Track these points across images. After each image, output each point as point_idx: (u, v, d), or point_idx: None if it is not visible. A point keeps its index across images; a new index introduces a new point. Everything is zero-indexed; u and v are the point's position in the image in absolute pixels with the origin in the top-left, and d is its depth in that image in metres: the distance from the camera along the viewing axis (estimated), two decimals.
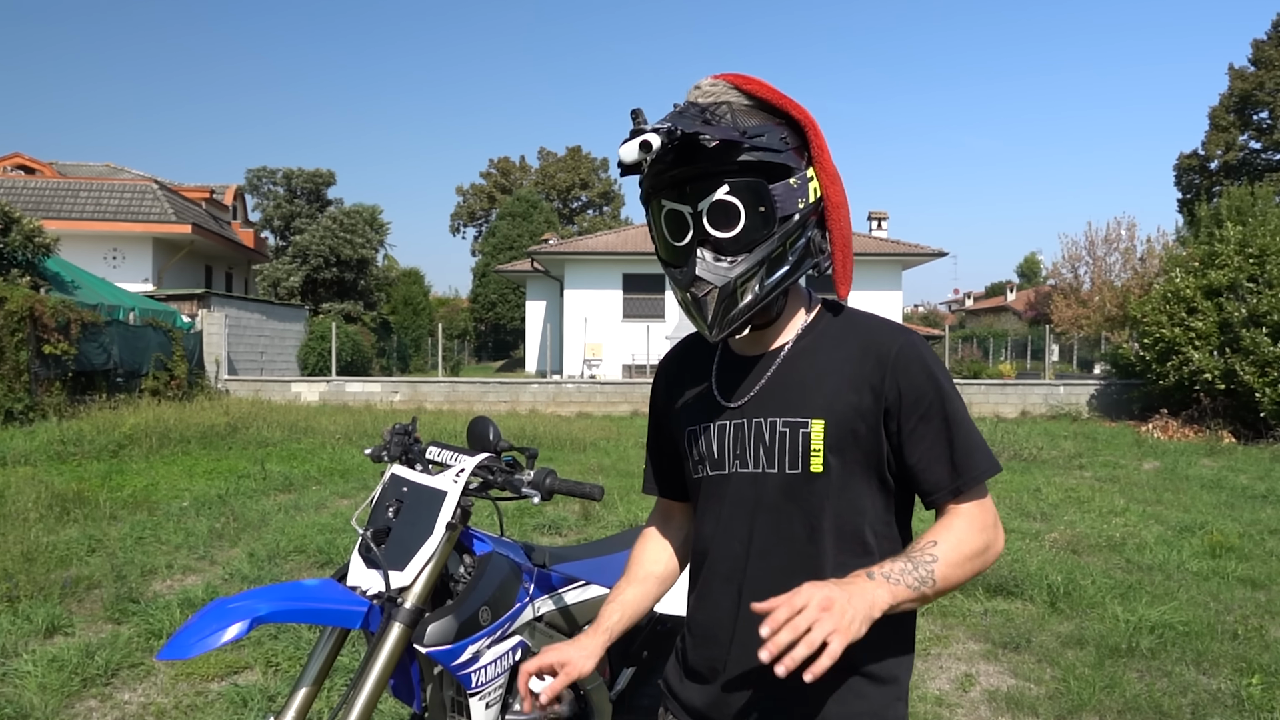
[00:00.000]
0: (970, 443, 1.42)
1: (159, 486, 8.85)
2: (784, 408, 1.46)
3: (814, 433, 1.43)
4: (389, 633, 1.95)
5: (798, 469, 1.44)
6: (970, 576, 1.39)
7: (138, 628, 4.59)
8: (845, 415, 1.43)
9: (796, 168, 1.40)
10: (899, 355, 1.43)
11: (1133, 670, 4.26)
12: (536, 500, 2.01)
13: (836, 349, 1.48)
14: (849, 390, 1.43)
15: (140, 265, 25.80)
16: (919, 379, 1.42)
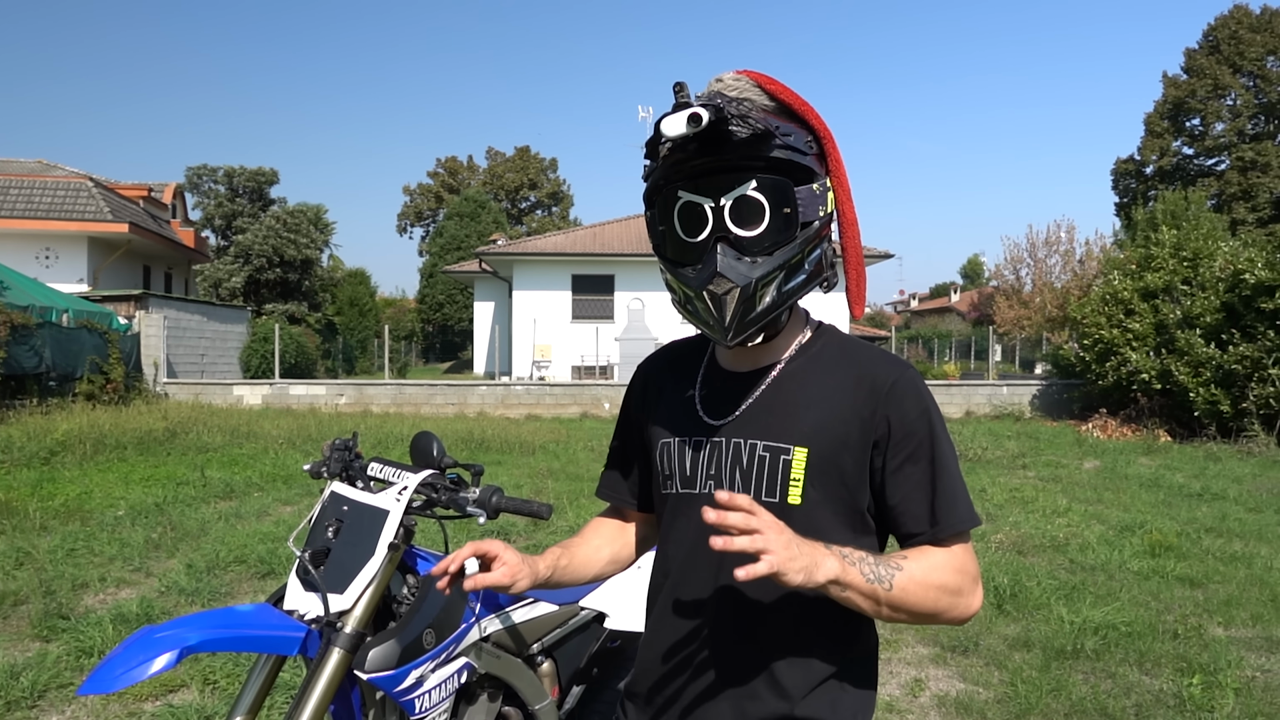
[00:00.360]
0: (954, 491, 1.35)
1: (93, 495, 8.57)
2: (767, 431, 1.39)
3: (795, 461, 1.35)
4: (328, 659, 1.87)
5: (774, 498, 1.36)
6: (932, 610, 1.30)
7: (67, 646, 4.41)
8: (830, 447, 1.35)
9: (819, 174, 1.35)
10: (894, 388, 1.36)
11: (1078, 672, 4.30)
12: (482, 520, 1.94)
13: (829, 375, 1.40)
14: (837, 421, 1.36)
15: (74, 265, 25.05)
16: (912, 415, 1.36)
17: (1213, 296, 15.75)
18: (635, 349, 24.20)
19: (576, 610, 2.44)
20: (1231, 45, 40.45)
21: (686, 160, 1.30)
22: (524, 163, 64.65)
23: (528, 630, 2.32)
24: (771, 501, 1.36)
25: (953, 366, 34.13)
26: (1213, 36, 41.33)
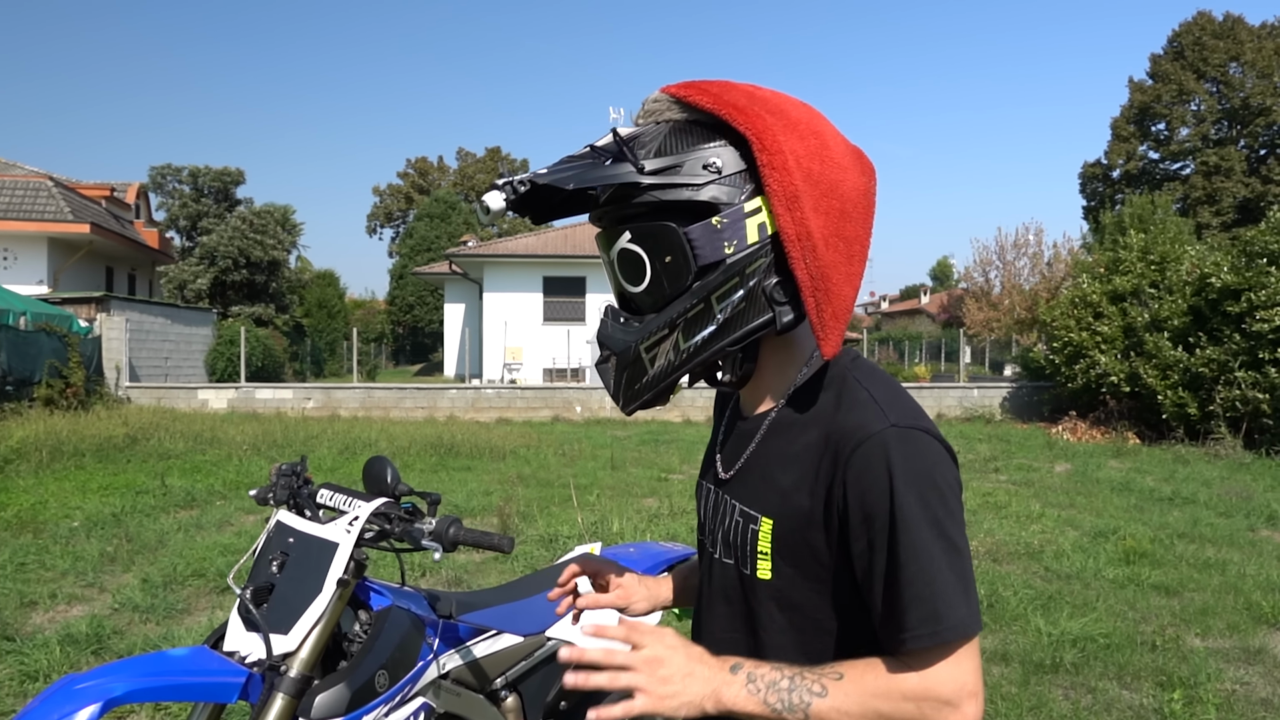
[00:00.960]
0: (924, 591, 1.05)
1: (48, 505, 8.31)
2: (744, 494, 1.25)
3: (762, 532, 1.20)
4: (271, 705, 1.73)
5: (747, 570, 1.23)
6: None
7: (11, 669, 4.22)
8: (795, 520, 1.17)
9: (727, 202, 1.13)
10: (857, 453, 1.10)
11: (1058, 687, 4.23)
12: (438, 556, 1.81)
13: (807, 430, 1.19)
14: (803, 489, 1.16)
15: (34, 266, 24.54)
16: (873, 489, 1.09)
17: (1180, 300, 15.86)
18: None
19: (543, 641, 2.31)
20: (1195, 51, 41.01)
21: (594, 212, 1.21)
22: (495, 163, 64.34)
23: (490, 665, 2.18)
24: (746, 573, 1.23)
25: (923, 368, 34.32)
26: (1177, 43, 41.88)
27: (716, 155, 1.14)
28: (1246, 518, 8.47)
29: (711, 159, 1.14)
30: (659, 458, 12.78)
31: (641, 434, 16.09)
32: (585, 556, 1.45)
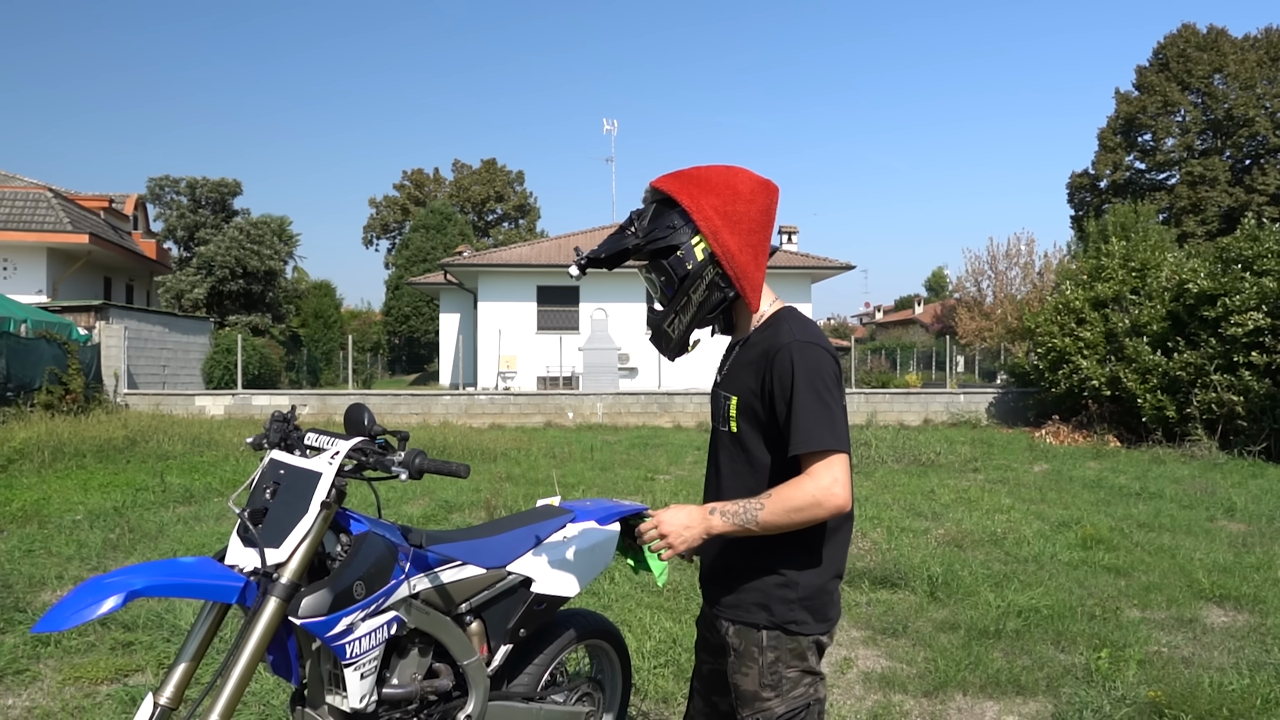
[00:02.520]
0: (808, 424, 1.96)
1: (51, 500, 8.61)
2: (725, 385, 2.19)
3: (731, 404, 2.13)
4: (265, 606, 2.05)
5: (725, 428, 2.17)
6: (797, 523, 1.97)
7: (23, 636, 4.52)
8: (746, 395, 2.10)
9: (681, 243, 2.09)
10: (777, 355, 2.04)
11: (998, 650, 4.55)
12: (404, 477, 2.14)
13: (755, 347, 2.11)
14: (751, 378, 2.09)
15: (33, 276, 24.82)
16: (784, 373, 2.01)
17: (1159, 305, 16.21)
18: (599, 359, 24.34)
19: (504, 574, 2.63)
20: (1180, 63, 41.55)
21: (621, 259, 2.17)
22: (490, 175, 64.74)
23: (455, 590, 2.50)
24: (725, 430, 2.18)
25: (914, 376, 34.62)
26: (1162, 55, 42.44)
27: (672, 218, 2.11)
28: (1207, 509, 8.79)
29: (671, 220, 2.11)
30: (647, 460, 13.07)
31: (631, 438, 16.39)
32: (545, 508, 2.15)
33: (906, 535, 7.22)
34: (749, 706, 2.11)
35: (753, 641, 2.10)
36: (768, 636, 2.09)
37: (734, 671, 2.14)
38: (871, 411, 20.80)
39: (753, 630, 2.10)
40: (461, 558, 2.53)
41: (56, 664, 4.23)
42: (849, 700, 3.95)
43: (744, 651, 2.11)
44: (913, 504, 9.01)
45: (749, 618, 2.10)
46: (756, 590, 2.10)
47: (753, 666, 2.10)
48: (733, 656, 2.14)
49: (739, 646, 2.12)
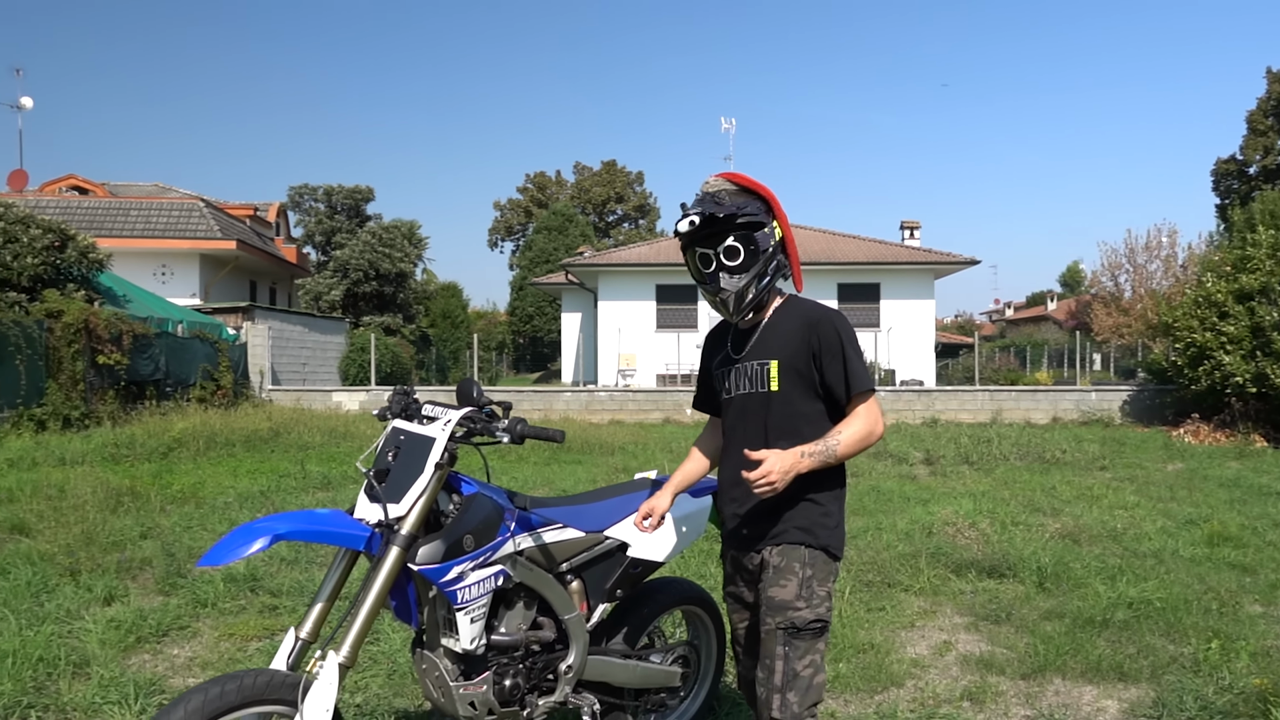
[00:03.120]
0: (856, 373, 2.48)
1: (205, 484, 9.35)
2: (759, 355, 2.57)
3: (771, 367, 2.53)
4: (387, 554, 2.33)
5: (764, 389, 2.55)
6: (861, 449, 2.46)
7: (185, 598, 5.02)
8: (789, 359, 2.52)
9: (767, 223, 2.50)
10: (820, 323, 2.52)
11: (1103, 638, 4.51)
12: (506, 440, 2.39)
13: (789, 323, 2.57)
14: (794, 343, 2.52)
15: (188, 280, 26.61)
16: (831, 336, 2.50)
17: None
18: None
19: (602, 538, 2.86)
20: None
21: (698, 232, 2.48)
22: (611, 176, 65.58)
23: (557, 550, 2.74)
24: (763, 390, 2.55)
25: (1045, 374, 33.43)
26: None
27: (755, 203, 2.49)
28: None
29: (755, 204, 2.49)
30: None
31: None
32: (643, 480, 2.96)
33: (1020, 529, 7.13)
34: (779, 614, 2.41)
35: (795, 558, 2.46)
36: (809, 554, 2.47)
37: (770, 585, 2.45)
38: (996, 409, 20.27)
39: (796, 548, 2.47)
40: (563, 521, 2.77)
41: (213, 622, 4.70)
42: (944, 680, 4.03)
43: (784, 567, 2.46)
44: (1031, 499, 8.85)
45: (793, 539, 2.48)
46: (801, 518, 2.49)
47: (792, 579, 2.44)
48: (770, 573, 2.47)
49: (779, 564, 2.47)
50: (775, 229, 2.52)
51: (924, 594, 5.41)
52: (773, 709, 2.36)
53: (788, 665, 2.37)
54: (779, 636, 2.39)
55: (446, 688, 2.54)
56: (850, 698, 3.80)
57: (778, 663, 2.38)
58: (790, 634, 2.38)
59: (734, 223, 2.44)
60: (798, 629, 2.39)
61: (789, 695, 2.36)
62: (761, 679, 2.41)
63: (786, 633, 2.39)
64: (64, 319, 14.56)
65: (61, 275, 16.80)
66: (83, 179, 30.32)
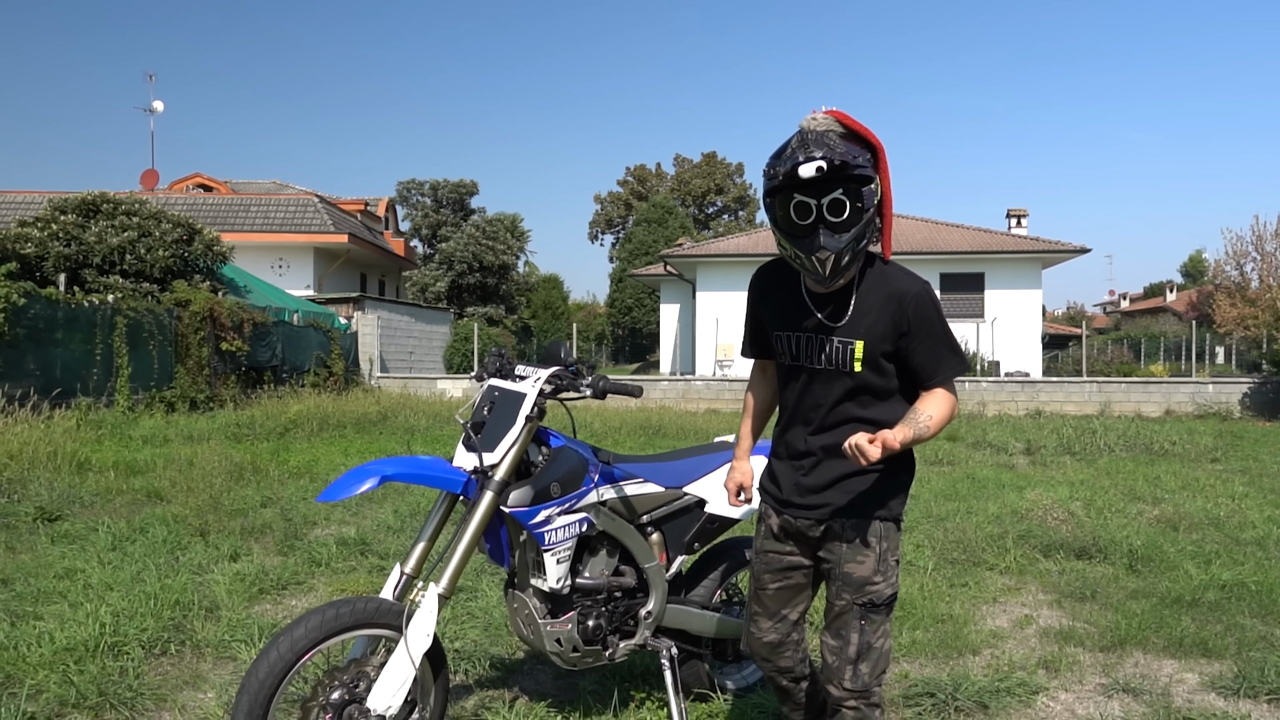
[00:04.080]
0: (952, 354, 2.36)
1: (318, 462, 9.89)
2: (845, 332, 2.35)
3: (855, 348, 2.33)
4: (482, 498, 2.57)
5: (847, 369, 2.36)
6: (943, 427, 2.33)
7: (302, 558, 5.42)
8: (877, 339, 2.32)
9: (874, 178, 2.20)
10: (913, 299, 2.31)
11: (1190, 617, 4.49)
12: (589, 394, 2.61)
13: (875, 293, 2.33)
14: (882, 322, 2.32)
15: (303, 272, 27.84)
16: (924, 315, 2.32)
17: None
18: None
19: (680, 494, 3.05)
20: None
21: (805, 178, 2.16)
22: (710, 168, 65.59)
23: (638, 503, 2.95)
24: (845, 370, 2.36)
25: (1160, 367, 32.22)
26: None
27: (863, 153, 2.19)
28: None
29: (868, 154, 2.20)
30: None
31: None
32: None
33: (1116, 515, 7.04)
34: (858, 590, 2.37)
35: (870, 533, 2.39)
36: (883, 528, 2.40)
37: (845, 561, 2.39)
38: (1104, 401, 19.68)
39: (870, 522, 2.39)
40: (644, 476, 2.97)
41: (327, 580, 5.07)
42: (1021, 650, 4.08)
43: (859, 543, 2.39)
44: (1132, 488, 8.67)
45: (867, 512, 2.39)
46: (874, 490, 2.39)
47: (869, 555, 2.38)
48: (845, 548, 2.39)
49: (854, 539, 2.39)
50: (878, 187, 2.22)
51: (1009, 573, 5.43)
52: (844, 678, 2.37)
53: (863, 638, 2.37)
54: (856, 612, 2.37)
55: (535, 625, 2.78)
56: (925, 662, 3.90)
57: (853, 635, 2.37)
58: (868, 609, 2.37)
59: (848, 173, 2.14)
60: (875, 605, 2.37)
61: (861, 666, 2.36)
62: (834, 648, 2.39)
63: (864, 608, 2.37)
64: (191, 308, 15.49)
65: (189, 267, 17.87)
66: (207, 177, 32.01)
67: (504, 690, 3.48)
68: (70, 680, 3.32)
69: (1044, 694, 3.58)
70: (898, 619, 4.37)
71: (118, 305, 14.05)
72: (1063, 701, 3.53)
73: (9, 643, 3.69)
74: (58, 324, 12.89)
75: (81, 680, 3.31)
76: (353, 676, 2.50)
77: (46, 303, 12.75)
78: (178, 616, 4.16)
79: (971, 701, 3.41)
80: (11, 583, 4.76)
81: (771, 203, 2.26)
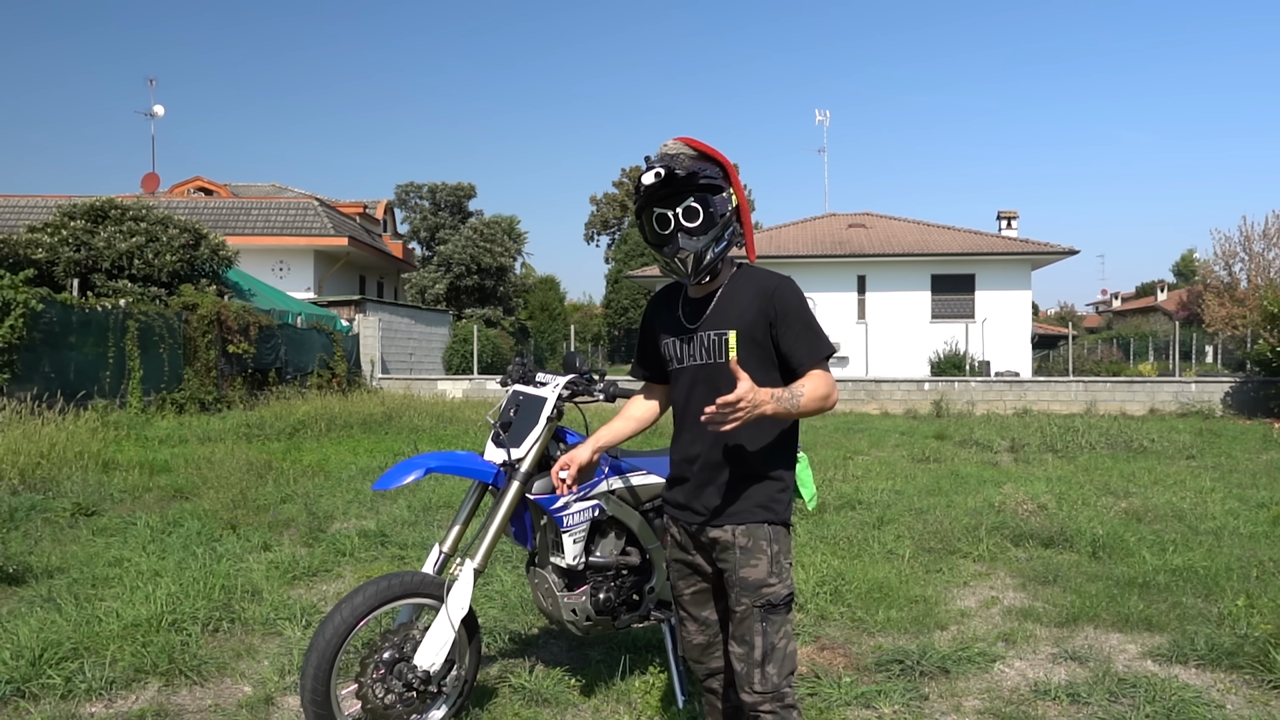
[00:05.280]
0: (815, 340, 2.48)
1: (330, 460, 10.32)
2: (715, 325, 2.54)
3: (729, 337, 2.41)
4: (510, 486, 3.02)
5: (723, 358, 2.50)
6: (817, 411, 2.42)
7: (327, 549, 5.86)
8: (746, 328, 2.48)
9: (725, 188, 2.51)
10: (775, 291, 2.51)
11: (1140, 597, 4.94)
12: (601, 398, 3.06)
13: (744, 291, 2.55)
14: (750, 312, 2.51)
15: (303, 275, 28.22)
16: (787, 304, 2.49)
17: None
18: None
19: None
20: None
21: (656, 191, 2.46)
22: None
23: (642, 491, 3.40)
24: (720, 361, 2.49)
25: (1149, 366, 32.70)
26: None
27: (711, 168, 2.50)
28: None
29: (711, 169, 2.50)
30: (849, 442, 13.58)
31: (837, 423, 16.89)
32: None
33: (1086, 508, 7.50)
34: (754, 593, 2.44)
35: (760, 536, 2.47)
36: (772, 531, 2.48)
37: (740, 566, 2.46)
38: (1090, 400, 20.18)
39: (760, 526, 2.47)
40: (646, 468, 3.42)
41: (353, 568, 5.52)
42: (985, 626, 4.54)
43: (752, 547, 2.46)
44: (1106, 483, 9.13)
45: (755, 517, 2.48)
46: (761, 495, 2.49)
47: (761, 558, 2.46)
48: (738, 553, 2.46)
49: (746, 544, 2.46)
50: (731, 196, 2.50)
51: (981, 560, 5.89)
52: (754, 683, 2.43)
53: (766, 640, 2.43)
54: (756, 614, 2.43)
55: (554, 597, 3.23)
56: (897, 636, 4.36)
57: (757, 639, 2.43)
58: (767, 610, 2.43)
59: (695, 183, 2.42)
60: (773, 605, 2.44)
61: (768, 668, 2.43)
62: (740, 654, 2.46)
63: (763, 610, 2.43)
64: (199, 311, 15.91)
65: (195, 271, 18.27)
66: (208, 180, 32.39)
67: (523, 660, 3.93)
68: (145, 650, 3.76)
69: (1000, 662, 4.04)
70: (875, 600, 4.83)
71: (129, 309, 14.48)
72: (1016, 669, 3.99)
73: (81, 619, 4.13)
74: (72, 328, 13.31)
75: (152, 650, 3.76)
76: (401, 639, 2.96)
77: (62, 307, 13.17)
78: (225, 598, 4.61)
79: (935, 667, 3.87)
80: (66, 570, 5.20)
81: (639, 222, 2.56)
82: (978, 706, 3.57)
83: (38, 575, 5.07)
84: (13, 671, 3.51)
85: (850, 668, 3.93)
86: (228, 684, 3.67)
